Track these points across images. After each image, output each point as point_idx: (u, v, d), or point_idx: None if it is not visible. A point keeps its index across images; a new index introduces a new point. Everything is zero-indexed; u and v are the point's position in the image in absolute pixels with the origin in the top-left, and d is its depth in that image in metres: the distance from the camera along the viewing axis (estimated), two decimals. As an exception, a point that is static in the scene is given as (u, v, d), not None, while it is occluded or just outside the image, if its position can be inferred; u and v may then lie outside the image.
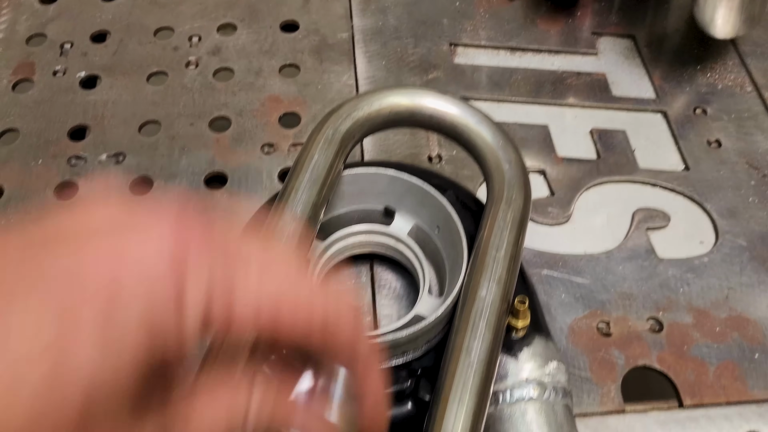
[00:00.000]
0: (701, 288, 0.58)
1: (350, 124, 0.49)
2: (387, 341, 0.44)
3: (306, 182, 0.45)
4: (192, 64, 0.74)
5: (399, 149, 0.67)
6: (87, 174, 0.64)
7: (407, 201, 0.53)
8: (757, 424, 0.51)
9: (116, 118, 0.69)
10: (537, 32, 0.78)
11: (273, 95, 0.71)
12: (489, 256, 0.44)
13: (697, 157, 0.67)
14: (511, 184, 0.48)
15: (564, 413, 0.43)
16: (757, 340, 0.55)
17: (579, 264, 0.59)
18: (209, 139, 0.68)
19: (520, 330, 0.45)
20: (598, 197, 0.65)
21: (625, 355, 0.54)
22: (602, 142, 0.68)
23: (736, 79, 0.73)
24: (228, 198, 0.63)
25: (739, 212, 0.63)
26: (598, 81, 0.73)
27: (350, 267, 0.58)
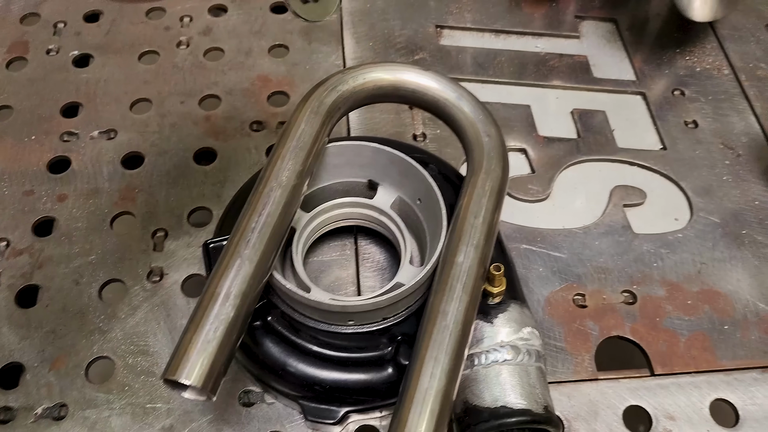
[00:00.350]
0: (675, 263, 0.60)
1: (335, 96, 0.50)
2: (369, 305, 0.46)
3: (292, 150, 0.46)
4: (183, 44, 0.75)
5: (384, 127, 0.68)
6: (79, 150, 0.66)
7: (390, 174, 0.54)
8: (724, 392, 0.53)
9: (108, 96, 0.70)
10: (521, 15, 0.79)
11: (262, 75, 0.73)
12: (467, 223, 0.46)
13: (675, 137, 0.69)
14: (490, 155, 0.50)
15: (537, 375, 0.45)
16: (727, 312, 0.57)
17: (557, 239, 0.61)
18: (199, 116, 0.69)
19: (496, 296, 0.47)
20: (577, 175, 0.66)
21: (599, 327, 0.56)
22: (583, 123, 0.70)
23: (714, 62, 0.75)
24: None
25: (714, 190, 0.65)
26: (580, 63, 0.75)
27: (335, 239, 0.60)
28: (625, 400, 0.53)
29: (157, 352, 0.54)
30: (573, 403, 0.52)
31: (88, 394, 0.52)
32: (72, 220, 0.61)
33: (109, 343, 0.54)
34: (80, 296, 0.57)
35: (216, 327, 0.40)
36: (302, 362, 0.48)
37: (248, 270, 0.42)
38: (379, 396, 0.48)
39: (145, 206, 0.62)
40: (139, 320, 0.55)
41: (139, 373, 0.53)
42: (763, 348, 0.55)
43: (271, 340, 0.48)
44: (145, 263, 0.58)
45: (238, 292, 0.41)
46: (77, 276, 0.58)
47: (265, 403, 0.52)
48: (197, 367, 0.38)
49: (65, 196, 0.63)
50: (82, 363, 0.53)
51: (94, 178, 0.64)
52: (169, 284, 0.57)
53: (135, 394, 0.52)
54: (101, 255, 0.59)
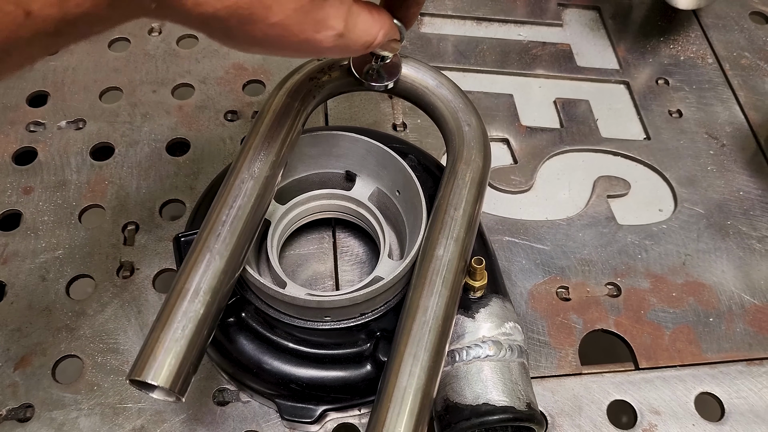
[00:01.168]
0: (659, 254, 0.59)
1: (310, 84, 0.48)
2: (345, 300, 0.44)
3: (265, 140, 0.44)
4: (155, 31, 0.73)
5: (363, 117, 0.66)
6: (46, 140, 0.63)
7: (368, 164, 0.53)
8: (709, 386, 0.53)
9: (77, 85, 0.68)
10: (503, 3, 0.78)
11: (237, 63, 0.71)
12: (447, 215, 0.44)
13: (659, 126, 0.68)
14: (470, 145, 0.48)
15: (519, 371, 0.44)
16: (712, 304, 0.57)
17: (540, 231, 0.60)
18: (172, 106, 0.67)
19: (478, 290, 0.45)
20: (560, 166, 0.65)
21: (583, 320, 0.55)
22: (566, 112, 0.68)
23: (698, 51, 0.74)
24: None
25: (698, 181, 0.64)
26: (563, 52, 0.74)
27: (312, 232, 0.58)
28: (609, 395, 0.52)
29: (127, 350, 0.52)
30: (557, 398, 0.51)
31: (55, 394, 0.50)
32: (38, 213, 0.59)
33: (77, 341, 0.52)
34: (47, 293, 0.54)
35: (184, 325, 0.38)
36: (278, 359, 0.46)
37: (219, 265, 0.40)
38: (358, 393, 0.47)
39: (115, 199, 0.60)
40: (109, 317, 0.53)
41: (109, 372, 0.51)
42: (748, 340, 0.55)
43: (246, 337, 0.47)
44: (114, 258, 0.56)
45: (207, 288, 0.39)
46: (44, 272, 0.55)
47: (240, 401, 0.50)
48: (165, 366, 0.37)
49: (31, 189, 0.60)
50: (48, 362, 0.51)
51: (62, 169, 0.62)
52: (140, 279, 0.55)
53: (104, 394, 0.50)
54: (69, 250, 0.57)
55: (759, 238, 0.60)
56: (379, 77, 0.48)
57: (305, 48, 0.34)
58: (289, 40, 0.33)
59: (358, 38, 0.36)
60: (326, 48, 0.35)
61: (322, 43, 0.34)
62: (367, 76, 0.48)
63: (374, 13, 0.38)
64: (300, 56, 0.36)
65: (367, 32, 0.37)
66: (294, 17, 0.32)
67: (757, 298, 0.57)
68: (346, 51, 0.36)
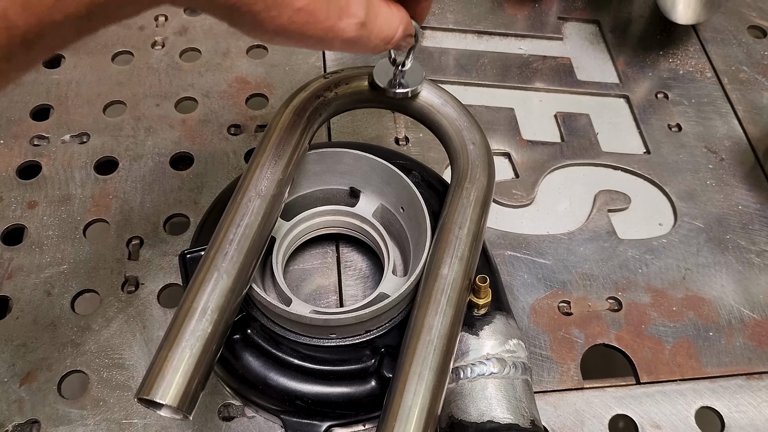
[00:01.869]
0: (659, 268, 0.60)
1: (317, 102, 0.49)
2: (351, 319, 0.45)
3: (271, 159, 0.45)
4: (158, 44, 0.73)
5: (366, 131, 0.67)
6: (50, 154, 0.64)
7: (372, 181, 0.53)
8: (710, 400, 0.53)
9: (80, 98, 0.68)
10: (504, 16, 0.78)
11: (240, 76, 0.71)
12: (452, 234, 0.45)
13: (658, 141, 0.68)
14: (475, 164, 0.49)
15: (523, 388, 0.44)
16: (712, 319, 0.57)
17: (542, 245, 0.60)
18: (175, 120, 0.67)
19: (482, 308, 0.46)
20: (561, 179, 0.66)
21: (584, 334, 0.56)
22: (566, 126, 0.69)
23: (696, 65, 0.75)
24: (194, 179, 0.63)
25: (697, 195, 0.64)
26: (563, 65, 0.74)
27: (316, 247, 0.58)
28: (611, 409, 0.52)
29: (133, 365, 0.52)
30: (559, 413, 0.52)
31: (61, 409, 0.50)
32: (43, 228, 0.59)
33: (82, 357, 0.52)
34: (52, 308, 0.55)
35: (192, 344, 0.38)
36: (283, 376, 0.46)
37: (226, 284, 0.40)
38: (363, 409, 0.47)
39: (120, 213, 0.60)
40: (114, 332, 0.54)
41: (115, 387, 0.51)
42: (748, 354, 0.55)
43: (251, 353, 0.47)
44: (119, 273, 0.57)
45: (215, 307, 0.39)
46: (49, 286, 0.56)
47: (245, 417, 0.51)
48: (173, 385, 0.37)
49: (35, 203, 0.60)
50: (54, 377, 0.51)
51: (66, 184, 0.62)
52: (144, 294, 0.56)
53: (110, 410, 0.50)
54: (74, 264, 0.57)
55: (758, 252, 0.61)
56: (402, 86, 0.48)
57: (329, 37, 0.34)
58: (313, 27, 0.33)
59: (380, 30, 0.37)
60: (349, 38, 0.35)
61: (345, 31, 0.34)
62: (390, 86, 0.48)
63: (392, 6, 0.38)
64: (322, 47, 0.36)
65: (388, 25, 0.37)
66: (318, 3, 0.32)
67: (756, 312, 0.57)
68: (367, 42, 0.37)
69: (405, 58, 0.47)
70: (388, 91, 0.48)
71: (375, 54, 0.44)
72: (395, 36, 0.38)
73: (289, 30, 0.33)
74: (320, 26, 0.33)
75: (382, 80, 0.48)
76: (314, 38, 0.34)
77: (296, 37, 0.33)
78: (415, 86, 0.48)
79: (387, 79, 0.48)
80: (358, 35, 0.35)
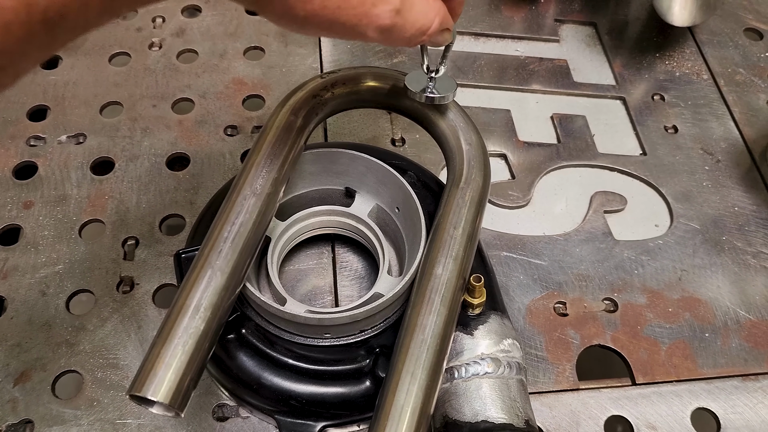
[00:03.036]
0: (655, 269, 0.60)
1: (313, 102, 0.49)
2: (345, 318, 0.45)
3: (267, 158, 0.45)
4: (155, 46, 0.73)
5: (362, 132, 0.67)
6: (46, 155, 0.64)
7: (368, 181, 0.53)
8: (705, 401, 0.53)
9: (77, 99, 0.68)
10: (501, 18, 0.79)
11: (237, 78, 0.71)
12: (447, 234, 0.45)
13: (654, 142, 0.68)
14: (471, 164, 0.49)
15: (518, 388, 0.44)
16: (708, 320, 0.57)
17: (538, 246, 0.60)
18: (172, 120, 0.67)
19: (476, 308, 0.46)
20: (557, 181, 0.66)
21: (580, 335, 0.56)
22: (563, 127, 0.69)
23: (693, 67, 0.75)
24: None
25: (693, 196, 0.64)
26: (560, 67, 0.74)
27: (312, 248, 0.58)
28: (606, 410, 0.52)
29: (127, 366, 0.52)
30: (554, 413, 0.52)
31: (55, 409, 0.50)
32: (38, 228, 0.59)
33: (77, 357, 0.52)
34: (47, 308, 0.55)
35: (185, 341, 0.38)
36: (277, 376, 0.46)
37: (220, 281, 0.40)
38: (357, 409, 0.47)
39: (116, 213, 0.60)
40: (109, 332, 0.54)
41: (109, 387, 0.51)
42: (744, 356, 0.55)
43: (245, 353, 0.47)
44: (114, 273, 0.57)
45: (208, 305, 0.39)
46: (44, 287, 0.56)
47: (239, 417, 0.51)
48: (165, 382, 0.37)
49: (31, 203, 0.60)
50: (48, 377, 0.51)
51: (62, 184, 0.62)
52: (140, 295, 0.56)
53: (104, 410, 0.50)
54: (69, 264, 0.57)
55: (754, 254, 0.61)
56: (435, 93, 0.48)
57: (362, 23, 0.33)
58: (346, 13, 0.31)
59: (415, 20, 0.35)
60: (383, 25, 0.33)
61: (380, 18, 0.33)
62: (424, 93, 0.48)
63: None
64: (354, 35, 0.34)
65: (425, 15, 0.36)
66: None
67: (752, 313, 0.57)
68: (402, 32, 0.35)
69: (439, 64, 0.47)
70: (419, 95, 0.48)
71: (410, 47, 0.44)
72: (431, 27, 0.37)
73: (320, 16, 0.31)
74: (353, 12, 0.32)
75: (414, 87, 0.48)
76: (347, 25, 0.32)
77: (327, 23, 0.32)
78: (447, 93, 0.48)
79: (419, 87, 0.48)
80: (392, 23, 0.34)
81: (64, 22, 0.25)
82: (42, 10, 0.24)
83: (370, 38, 0.34)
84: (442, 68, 0.47)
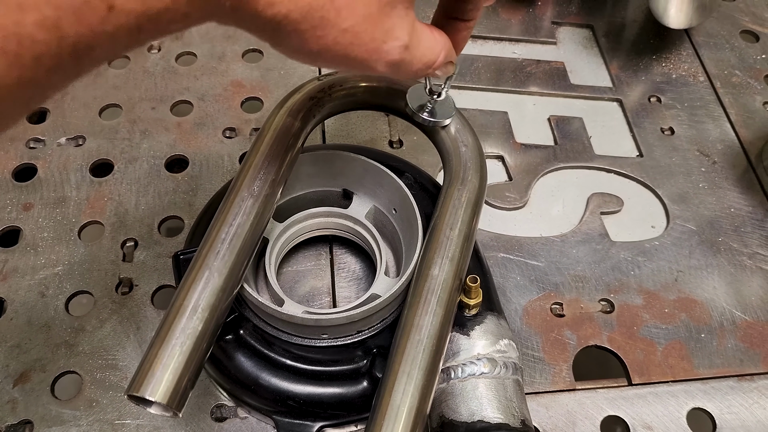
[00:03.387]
0: (652, 270, 0.60)
1: (311, 104, 0.49)
2: (342, 318, 0.45)
3: (265, 159, 0.45)
4: (154, 48, 0.74)
5: (360, 134, 0.67)
6: (46, 157, 0.64)
7: (365, 183, 0.53)
8: (701, 401, 0.53)
9: (76, 102, 0.69)
10: (498, 21, 0.79)
11: (236, 80, 0.72)
12: (443, 235, 0.45)
13: (651, 144, 0.69)
14: (467, 165, 0.49)
15: (514, 388, 0.44)
16: (704, 320, 0.57)
17: (534, 247, 0.61)
18: (171, 123, 0.68)
19: (473, 308, 0.46)
20: (554, 182, 0.66)
21: (577, 336, 0.56)
22: (560, 129, 0.69)
23: (689, 69, 0.75)
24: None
25: (690, 197, 0.65)
26: (557, 69, 0.75)
27: (310, 249, 0.59)
28: (603, 411, 0.52)
29: (126, 366, 0.52)
30: (551, 414, 0.52)
31: (54, 410, 0.50)
32: (38, 229, 0.59)
33: (76, 358, 0.53)
34: (46, 309, 0.55)
35: (183, 341, 0.38)
36: (275, 376, 0.47)
37: (217, 282, 0.41)
38: (355, 410, 0.47)
39: (115, 215, 0.60)
40: (108, 333, 0.54)
41: (108, 388, 0.51)
42: (740, 356, 0.55)
43: (243, 354, 0.47)
44: (114, 274, 0.57)
45: (206, 305, 0.40)
46: (43, 288, 0.56)
47: (238, 417, 0.51)
48: (162, 382, 0.37)
49: (31, 205, 0.61)
50: (48, 378, 0.52)
51: (62, 186, 0.62)
52: (138, 296, 0.56)
53: (103, 410, 0.50)
54: (68, 266, 0.57)
55: (750, 255, 0.61)
56: (433, 115, 0.49)
57: (373, 59, 0.34)
58: (358, 49, 0.33)
59: (422, 55, 0.37)
60: (392, 61, 0.35)
61: (389, 54, 0.34)
62: (422, 113, 0.49)
63: (435, 32, 0.38)
64: (364, 69, 0.35)
65: (431, 50, 0.38)
66: (363, 24, 0.32)
67: (748, 314, 0.58)
68: (409, 67, 0.37)
69: (441, 89, 0.48)
70: (417, 116, 0.49)
71: (415, 79, 0.46)
72: (437, 61, 0.38)
73: (333, 51, 0.32)
74: (365, 48, 0.33)
75: (413, 103, 0.49)
76: (357, 60, 0.34)
77: (339, 58, 0.33)
78: (444, 119, 0.49)
79: (418, 103, 0.49)
80: (401, 58, 0.35)
81: (92, 53, 0.26)
82: (72, 43, 0.24)
83: (379, 72, 0.36)
84: (444, 93, 0.48)
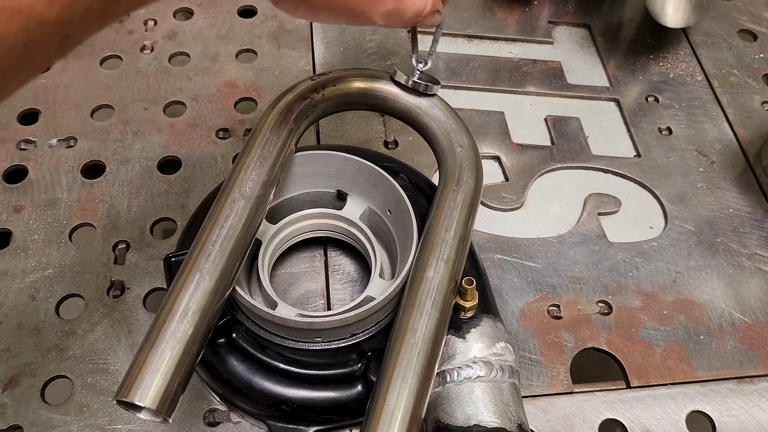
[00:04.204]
0: (650, 272, 0.59)
1: (304, 104, 0.49)
2: (336, 321, 0.44)
3: (257, 160, 0.45)
4: (147, 49, 0.73)
5: (355, 134, 0.67)
6: (37, 158, 0.63)
7: (359, 184, 0.53)
8: (701, 404, 0.53)
9: (68, 102, 0.68)
10: (494, 20, 0.78)
11: (229, 80, 0.71)
12: (438, 237, 0.44)
13: (649, 144, 0.68)
14: (462, 166, 0.48)
15: (510, 391, 0.44)
16: (703, 322, 0.57)
17: (531, 248, 0.60)
18: (163, 124, 0.67)
19: (469, 310, 0.45)
20: (551, 183, 0.65)
21: (574, 338, 0.55)
22: (557, 129, 0.69)
23: (687, 69, 0.74)
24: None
25: (688, 198, 0.64)
26: (553, 69, 0.74)
27: (304, 251, 0.58)
28: (601, 414, 0.52)
29: (117, 371, 0.52)
30: (548, 417, 0.51)
31: (45, 415, 0.50)
32: (28, 232, 0.59)
33: (66, 362, 0.52)
34: (36, 312, 0.54)
35: (173, 345, 0.38)
36: (268, 380, 0.46)
37: (208, 285, 0.40)
38: (349, 414, 0.47)
39: (106, 217, 0.60)
40: (99, 337, 0.53)
41: (99, 392, 0.51)
42: (739, 358, 0.55)
43: (236, 357, 0.46)
44: (105, 277, 0.56)
45: (196, 309, 0.39)
46: (33, 291, 0.55)
47: (230, 422, 0.50)
48: (152, 387, 0.36)
49: (21, 207, 0.60)
50: (38, 383, 0.51)
51: (53, 188, 0.61)
52: (130, 299, 0.55)
53: (94, 415, 0.50)
54: (59, 269, 0.56)
55: (749, 256, 0.60)
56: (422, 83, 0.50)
57: (371, 10, 0.39)
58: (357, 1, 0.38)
59: (413, 4, 0.41)
60: (387, 10, 0.39)
61: (385, 4, 0.39)
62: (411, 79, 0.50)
63: None
64: (363, 21, 0.40)
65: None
66: None
67: (747, 315, 0.57)
68: (402, 15, 0.41)
69: (430, 49, 0.50)
70: (407, 80, 0.50)
71: (406, 28, 0.50)
72: (425, 9, 0.42)
73: (334, 4, 0.37)
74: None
75: (401, 76, 0.50)
76: (357, 11, 0.38)
77: (340, 10, 0.38)
78: (434, 86, 0.51)
79: (406, 74, 0.50)
80: (395, 7, 0.40)
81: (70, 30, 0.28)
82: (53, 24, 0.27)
83: (375, 22, 0.40)
84: (430, 61, 0.50)
